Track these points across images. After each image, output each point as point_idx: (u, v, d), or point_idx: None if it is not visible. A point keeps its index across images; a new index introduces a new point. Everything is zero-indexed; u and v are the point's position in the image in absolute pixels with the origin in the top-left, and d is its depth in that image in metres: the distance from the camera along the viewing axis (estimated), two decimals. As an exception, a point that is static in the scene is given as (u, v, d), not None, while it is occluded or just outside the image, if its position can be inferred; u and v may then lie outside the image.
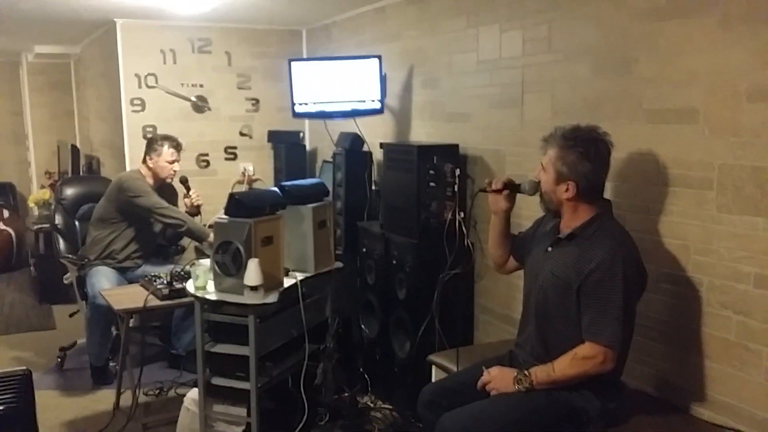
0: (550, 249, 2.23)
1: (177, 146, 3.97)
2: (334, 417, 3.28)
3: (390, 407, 3.45)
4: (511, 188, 2.35)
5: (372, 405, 3.50)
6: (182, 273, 3.36)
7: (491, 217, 2.48)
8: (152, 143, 3.97)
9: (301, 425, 3.02)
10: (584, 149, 2.10)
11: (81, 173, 6.05)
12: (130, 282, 3.80)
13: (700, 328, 2.23)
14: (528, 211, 2.76)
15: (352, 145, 3.86)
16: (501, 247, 2.49)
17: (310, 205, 3.05)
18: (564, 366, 2.10)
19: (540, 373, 2.13)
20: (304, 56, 5.14)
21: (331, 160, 4.10)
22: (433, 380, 2.78)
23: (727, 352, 2.14)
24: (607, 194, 2.50)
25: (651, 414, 2.25)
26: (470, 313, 3.41)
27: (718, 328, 2.17)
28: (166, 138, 3.97)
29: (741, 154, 2.07)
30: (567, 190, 2.13)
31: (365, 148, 3.90)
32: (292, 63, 3.93)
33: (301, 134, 4.90)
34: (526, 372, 2.16)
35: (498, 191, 2.36)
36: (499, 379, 2.21)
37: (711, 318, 2.19)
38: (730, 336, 2.14)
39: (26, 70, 7.24)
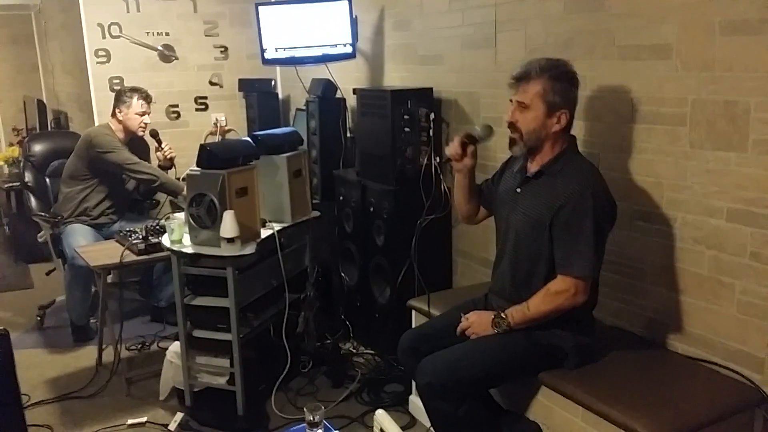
0: (519, 190, 2.23)
1: (146, 98, 3.88)
2: (317, 364, 3.33)
3: (372, 352, 3.49)
4: (471, 141, 2.33)
5: (354, 351, 3.55)
6: (157, 227, 3.33)
7: (455, 176, 2.44)
8: (120, 95, 3.87)
9: (284, 373, 3.06)
10: (571, 76, 2.11)
11: (49, 129, 5.90)
12: (106, 238, 3.75)
13: (674, 264, 2.26)
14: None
15: (325, 92, 3.79)
16: (471, 201, 2.47)
17: (285, 155, 3.02)
18: (538, 302, 2.13)
19: (516, 313, 2.17)
20: None
21: (304, 108, 4.03)
22: (413, 325, 2.81)
23: (701, 287, 2.18)
24: (581, 133, 2.49)
25: (626, 348, 2.30)
26: (448, 257, 3.43)
27: (691, 263, 2.20)
28: (135, 90, 3.88)
29: (713, 89, 2.05)
30: (559, 121, 2.09)
31: (338, 95, 3.83)
32: (260, 7, 3.82)
33: (273, 82, 4.80)
34: (503, 314, 2.19)
35: (462, 153, 2.33)
36: (477, 323, 2.24)
37: (684, 253, 2.22)
38: (703, 271, 2.17)
39: (-15, 24, 7.00)
